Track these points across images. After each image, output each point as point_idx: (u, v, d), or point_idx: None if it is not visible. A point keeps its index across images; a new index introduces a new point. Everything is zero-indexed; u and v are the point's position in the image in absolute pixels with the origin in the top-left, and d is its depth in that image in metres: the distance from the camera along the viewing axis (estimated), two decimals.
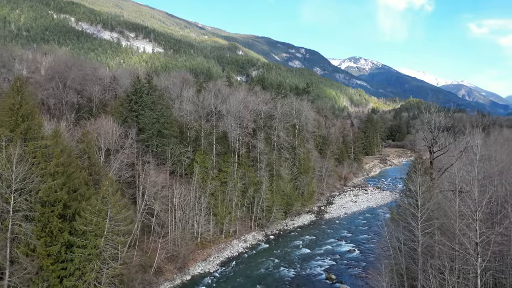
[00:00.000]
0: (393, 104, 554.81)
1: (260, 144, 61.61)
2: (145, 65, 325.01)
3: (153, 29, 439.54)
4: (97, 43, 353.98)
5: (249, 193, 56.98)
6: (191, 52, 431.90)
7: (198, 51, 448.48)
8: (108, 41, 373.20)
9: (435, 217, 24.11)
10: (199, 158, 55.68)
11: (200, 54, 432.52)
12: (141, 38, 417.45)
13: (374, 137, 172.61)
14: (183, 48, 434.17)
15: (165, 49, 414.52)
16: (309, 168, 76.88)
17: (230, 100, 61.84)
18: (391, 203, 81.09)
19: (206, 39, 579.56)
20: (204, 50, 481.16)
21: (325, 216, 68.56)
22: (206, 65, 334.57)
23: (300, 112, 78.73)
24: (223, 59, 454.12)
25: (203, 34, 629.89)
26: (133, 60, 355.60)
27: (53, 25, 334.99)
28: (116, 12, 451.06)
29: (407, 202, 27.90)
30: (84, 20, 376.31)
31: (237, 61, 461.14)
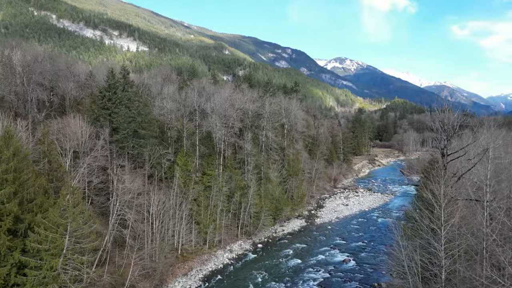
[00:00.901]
0: (379, 104, 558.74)
1: (247, 145, 57.33)
2: (129, 64, 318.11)
3: (138, 28, 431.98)
4: (79, 41, 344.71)
5: (236, 198, 52.61)
6: (176, 51, 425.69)
7: (183, 50, 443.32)
8: (91, 39, 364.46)
9: (461, 236, 20.14)
10: (180, 160, 51.06)
11: (186, 53, 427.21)
12: (125, 36, 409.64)
13: (362, 137, 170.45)
14: (168, 47, 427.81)
15: (150, 47, 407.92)
16: (299, 170, 72.96)
17: (215, 98, 57.33)
18: (383, 206, 77.97)
19: (192, 38, 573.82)
20: (190, 49, 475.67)
21: (316, 221, 64.69)
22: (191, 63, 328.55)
23: (289, 111, 74.76)
24: (209, 59, 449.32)
25: (189, 33, 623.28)
26: (117, 59, 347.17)
27: (33, 22, 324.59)
28: (100, 10, 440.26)
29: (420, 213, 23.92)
30: (66, 18, 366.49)
31: (224, 60, 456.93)
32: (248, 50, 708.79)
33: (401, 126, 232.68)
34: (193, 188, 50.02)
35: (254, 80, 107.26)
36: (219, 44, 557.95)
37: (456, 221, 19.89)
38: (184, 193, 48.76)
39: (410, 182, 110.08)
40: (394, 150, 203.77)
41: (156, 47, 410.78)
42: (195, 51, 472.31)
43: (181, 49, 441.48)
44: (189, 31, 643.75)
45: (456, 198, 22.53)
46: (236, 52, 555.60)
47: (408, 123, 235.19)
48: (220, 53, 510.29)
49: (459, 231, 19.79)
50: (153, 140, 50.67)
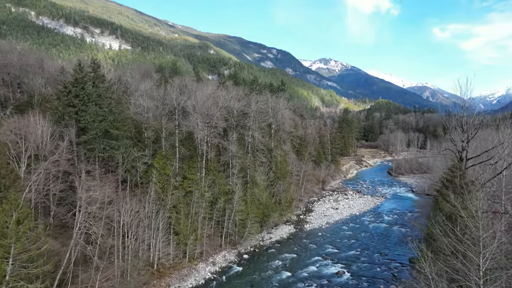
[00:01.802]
0: (363, 104, 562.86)
1: (232, 146, 52.94)
2: (111, 62, 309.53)
3: (120, 25, 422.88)
4: (59, 38, 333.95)
5: (219, 204, 48.14)
6: (160, 49, 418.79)
7: (167, 49, 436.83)
8: (71, 37, 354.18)
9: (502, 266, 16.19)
10: (158, 163, 46.25)
11: (170, 52, 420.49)
12: (107, 34, 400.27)
13: (349, 137, 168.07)
14: (152, 45, 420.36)
15: (133, 46, 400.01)
16: (287, 173, 68.97)
17: (197, 95, 52.75)
18: (374, 209, 74.70)
19: (176, 37, 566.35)
20: (174, 48, 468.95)
21: (306, 227, 60.76)
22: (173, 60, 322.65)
23: (277, 110, 70.68)
24: (194, 58, 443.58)
25: (174, 32, 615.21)
26: (98, 57, 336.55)
27: (10, 19, 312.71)
28: (81, 8, 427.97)
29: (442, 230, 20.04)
30: (45, 14, 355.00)
31: (209, 59, 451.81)
32: (233, 50, 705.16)
33: (386, 126, 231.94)
34: (172, 194, 45.33)
35: (240, 79, 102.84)
36: (204, 43, 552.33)
37: (495, 246, 15.87)
38: (162, 200, 44.14)
39: (400, 184, 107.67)
40: (380, 150, 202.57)
41: (139, 45, 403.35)
42: (179, 50, 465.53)
43: (165, 48, 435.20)
44: (174, 30, 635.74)
45: (494, 213, 18.65)
46: (221, 51, 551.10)
47: (393, 123, 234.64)
48: (205, 52, 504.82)
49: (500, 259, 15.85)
50: (127, 141, 45.83)
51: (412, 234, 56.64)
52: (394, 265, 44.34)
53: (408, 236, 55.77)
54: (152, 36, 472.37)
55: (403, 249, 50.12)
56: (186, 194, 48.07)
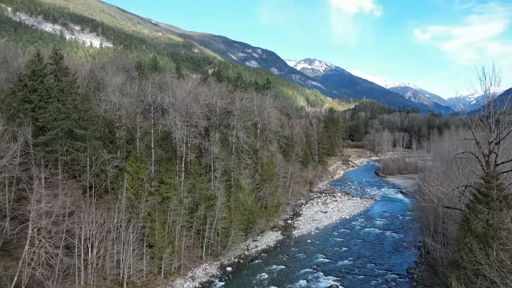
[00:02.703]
0: (347, 104, 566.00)
1: (214, 147, 48.49)
2: (92, 60, 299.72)
3: (102, 23, 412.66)
4: (37, 35, 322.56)
5: (200, 211, 43.64)
6: (143, 48, 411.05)
7: (151, 47, 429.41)
8: (50, 34, 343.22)
9: None
10: (131, 166, 41.50)
11: (153, 51, 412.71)
12: (87, 31, 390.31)
13: (336, 137, 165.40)
14: (135, 43, 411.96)
15: (115, 44, 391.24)
16: (274, 175, 64.94)
17: (176, 92, 48.10)
18: (364, 212, 71.42)
19: (160, 36, 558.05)
20: (158, 46, 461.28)
21: (294, 233, 56.81)
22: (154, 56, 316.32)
23: (263, 108, 66.54)
24: (177, 56, 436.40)
25: (157, 30, 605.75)
26: (78, 55, 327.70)
27: None
28: (61, 4, 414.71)
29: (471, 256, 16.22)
30: (23, 10, 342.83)
31: (193, 58, 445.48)
32: (218, 49, 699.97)
33: (372, 126, 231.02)
34: (147, 201, 40.67)
35: (224, 76, 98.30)
36: (188, 42, 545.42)
37: None
38: (135, 208, 39.45)
39: (388, 185, 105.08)
40: (366, 150, 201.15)
41: (122, 43, 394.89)
42: (163, 48, 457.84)
43: (148, 46, 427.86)
44: (157, 29, 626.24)
45: None
46: (206, 50, 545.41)
47: (379, 123, 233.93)
48: (189, 51, 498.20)
49: None
50: (96, 142, 40.82)
51: (406, 240, 53.39)
52: (391, 276, 40.75)
53: (403, 242, 52.50)
54: (135, 34, 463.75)
55: (399, 257, 46.71)
56: (162, 200, 43.45)
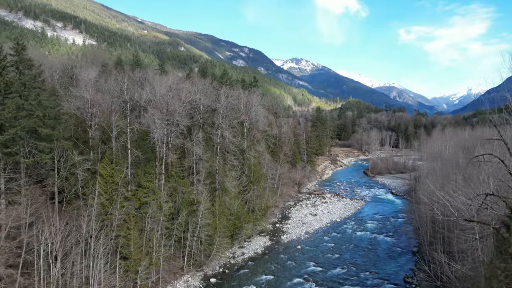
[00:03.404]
0: (334, 104, 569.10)
1: (197, 148, 44.87)
2: (68, 56, 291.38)
3: (85, 19, 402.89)
4: (18, 32, 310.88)
5: (181, 218, 40.03)
6: (127, 45, 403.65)
7: (135, 45, 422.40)
8: (31, 30, 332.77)
9: None
10: (105, 169, 37.57)
11: (138, 48, 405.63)
12: (70, 28, 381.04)
13: (324, 136, 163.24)
14: (119, 41, 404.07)
15: (98, 41, 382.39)
16: (261, 176, 61.68)
17: (155, 87, 44.33)
18: (355, 215, 68.85)
19: (145, 34, 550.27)
20: (143, 44, 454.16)
21: (283, 239, 53.65)
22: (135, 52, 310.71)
23: (250, 106, 63.21)
24: (163, 54, 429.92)
25: (142, 28, 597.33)
26: (60, 52, 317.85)
27: None
28: (43, 0, 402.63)
29: None
30: (2, 6, 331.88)
31: (179, 56, 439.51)
32: (204, 47, 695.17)
33: (359, 125, 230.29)
34: (123, 207, 36.97)
35: (209, 73, 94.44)
36: (174, 40, 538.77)
37: None
38: (110, 214, 35.70)
39: (378, 185, 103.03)
40: (354, 149, 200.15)
41: (105, 41, 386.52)
42: (148, 46, 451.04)
43: (133, 44, 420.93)
44: (143, 27, 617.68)
45: None
46: (192, 49, 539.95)
47: (366, 122, 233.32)
48: (175, 49, 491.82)
49: None
50: (65, 142, 36.89)
51: (400, 245, 50.84)
52: (388, 286, 37.95)
53: (397, 247, 49.89)
54: (119, 32, 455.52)
55: (394, 265, 43.99)
56: (140, 206, 39.73)
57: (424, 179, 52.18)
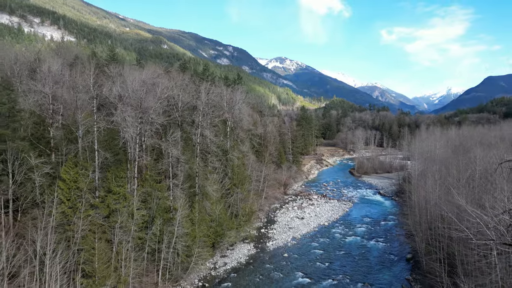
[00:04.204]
0: (318, 103, 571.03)
1: (174, 148, 40.73)
2: (36, 50, 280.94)
3: (63, 15, 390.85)
4: None
5: (155, 227, 35.88)
6: (108, 42, 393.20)
7: (117, 42, 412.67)
8: (6, 26, 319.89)
9: None
10: (68, 173, 33.13)
11: (120, 46, 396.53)
12: (48, 24, 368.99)
13: (309, 136, 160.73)
14: (99, 38, 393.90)
15: (78, 38, 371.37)
16: (245, 178, 57.92)
17: (127, 81, 39.97)
18: (344, 218, 65.82)
19: (127, 31, 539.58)
20: (125, 41, 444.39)
21: (268, 246, 50.02)
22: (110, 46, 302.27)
23: (233, 104, 59.34)
24: (145, 52, 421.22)
25: (124, 25, 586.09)
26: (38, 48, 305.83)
27: None
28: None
29: None
30: None
31: (161, 54, 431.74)
32: (188, 45, 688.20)
33: (343, 124, 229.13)
34: (89, 216, 32.65)
35: (191, 69, 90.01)
36: (157, 38, 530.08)
37: None
38: (74, 225, 31.34)
39: (365, 185, 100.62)
40: (339, 148, 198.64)
41: (85, 37, 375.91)
42: (130, 43, 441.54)
43: (114, 41, 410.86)
44: (125, 24, 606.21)
45: None
46: (176, 47, 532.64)
47: (351, 121, 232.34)
48: (158, 47, 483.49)
49: None
50: (21, 143, 32.38)
51: (393, 251, 47.91)
52: None
53: (390, 254, 46.91)
54: (100, 29, 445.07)
55: (388, 274, 40.88)
56: (109, 214, 35.43)
57: (417, 181, 49.31)
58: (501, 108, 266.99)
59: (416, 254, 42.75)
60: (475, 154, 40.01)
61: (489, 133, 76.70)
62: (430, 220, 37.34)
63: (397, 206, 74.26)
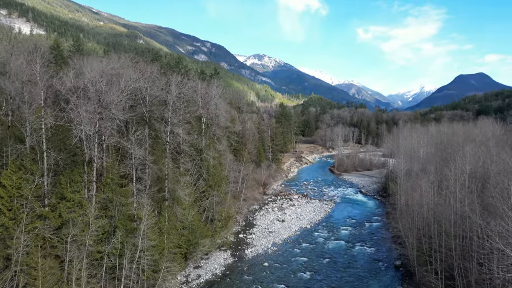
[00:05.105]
0: (297, 100, 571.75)
1: (138, 148, 35.88)
2: None
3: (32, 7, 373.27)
4: None
5: (116, 239, 31.05)
6: (80, 36, 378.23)
7: (89, 36, 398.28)
8: None
9: None
10: (9, 178, 27.91)
11: (92, 40, 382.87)
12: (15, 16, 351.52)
13: (289, 133, 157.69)
14: (71, 31, 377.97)
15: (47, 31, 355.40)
16: (222, 179, 53.48)
17: (84, 72, 34.78)
18: (326, 219, 62.54)
19: (101, 25, 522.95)
20: (98, 36, 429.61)
21: (247, 253, 45.88)
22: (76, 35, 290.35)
23: (209, 99, 54.73)
24: (120, 47, 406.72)
25: (98, 19, 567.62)
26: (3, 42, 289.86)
27: None
28: None
29: None
30: None
31: (136, 49, 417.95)
32: (165, 41, 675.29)
33: (322, 121, 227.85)
34: (35, 228, 27.65)
35: (164, 62, 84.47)
36: (133, 32, 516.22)
37: None
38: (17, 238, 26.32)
39: (346, 184, 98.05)
40: (318, 145, 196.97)
41: (56, 31, 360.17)
42: (103, 38, 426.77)
43: (86, 35, 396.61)
44: (98, 18, 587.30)
45: None
46: (152, 42, 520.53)
47: (330, 118, 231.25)
48: (133, 41, 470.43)
49: None
50: None
51: (380, 258, 44.76)
52: None
53: (378, 261, 43.71)
54: (72, 22, 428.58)
55: (378, 284, 37.54)
56: (62, 225, 30.41)
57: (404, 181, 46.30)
58: (474, 106, 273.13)
59: (406, 262, 39.71)
60: (464, 152, 37.20)
61: (473, 130, 75.24)
62: (424, 226, 34.17)
63: (380, 206, 71.71)
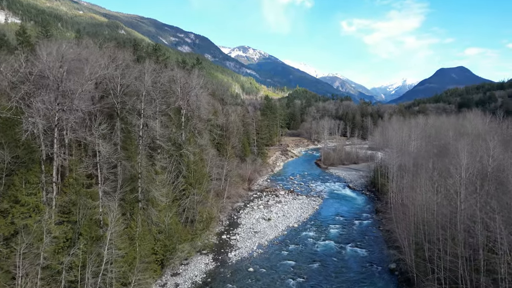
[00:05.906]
0: (282, 92, 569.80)
1: (104, 144, 31.59)
2: None
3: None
4: None
5: (77, 248, 26.91)
6: (58, 25, 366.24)
7: (68, 26, 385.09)
8: None
9: None
10: None
11: (71, 29, 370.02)
12: None
13: (274, 126, 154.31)
14: (48, 20, 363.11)
15: (23, 20, 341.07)
16: (204, 176, 49.58)
17: (41, 57, 30.14)
18: (314, 217, 59.49)
19: (80, 14, 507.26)
20: (77, 25, 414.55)
21: (230, 257, 42.30)
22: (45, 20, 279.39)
23: (189, 89, 50.47)
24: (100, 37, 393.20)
25: (77, 8, 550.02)
26: None
27: None
28: None
29: None
30: None
31: (117, 39, 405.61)
32: (147, 32, 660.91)
33: (307, 114, 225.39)
34: None
35: (142, 51, 79.36)
36: (114, 22, 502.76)
37: None
38: None
39: (333, 178, 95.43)
40: (303, 138, 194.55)
41: (32, 19, 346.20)
42: (83, 27, 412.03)
43: (64, 24, 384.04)
44: (78, 7, 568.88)
45: None
46: (134, 32, 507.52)
47: (316, 110, 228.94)
48: (114, 32, 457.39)
49: None
50: None
51: (373, 260, 41.86)
52: None
53: (370, 264, 40.78)
54: (49, 11, 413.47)
55: None
56: (15, 233, 26.15)
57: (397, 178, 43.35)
58: (456, 99, 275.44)
59: (402, 265, 36.86)
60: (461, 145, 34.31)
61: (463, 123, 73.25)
62: (424, 229, 31.20)
63: (369, 202, 69.17)
